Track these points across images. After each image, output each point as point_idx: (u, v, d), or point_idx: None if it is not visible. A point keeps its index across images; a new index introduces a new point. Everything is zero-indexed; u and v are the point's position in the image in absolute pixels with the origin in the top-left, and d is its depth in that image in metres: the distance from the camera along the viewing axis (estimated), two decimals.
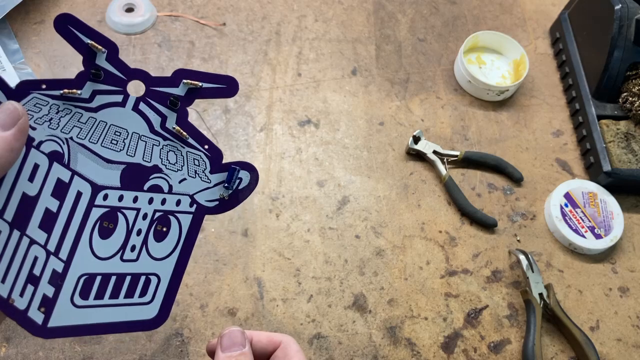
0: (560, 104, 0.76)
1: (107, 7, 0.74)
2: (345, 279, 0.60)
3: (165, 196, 0.27)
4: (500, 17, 0.84)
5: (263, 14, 0.79)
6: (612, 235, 0.64)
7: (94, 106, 0.26)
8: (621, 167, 0.66)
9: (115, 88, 0.26)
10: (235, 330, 0.33)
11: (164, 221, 0.27)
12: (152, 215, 0.27)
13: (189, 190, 0.28)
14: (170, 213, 0.27)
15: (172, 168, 0.27)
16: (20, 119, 0.24)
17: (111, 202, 0.26)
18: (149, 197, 0.27)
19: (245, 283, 0.58)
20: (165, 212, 0.27)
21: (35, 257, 0.25)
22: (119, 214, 0.26)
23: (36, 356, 0.52)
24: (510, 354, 0.57)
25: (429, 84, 0.75)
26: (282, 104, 0.71)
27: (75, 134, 0.25)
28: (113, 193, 0.26)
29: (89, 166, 0.26)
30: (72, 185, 0.26)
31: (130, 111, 0.26)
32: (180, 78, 0.27)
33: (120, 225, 0.26)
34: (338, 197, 0.65)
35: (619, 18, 0.68)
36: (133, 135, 0.26)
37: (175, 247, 0.27)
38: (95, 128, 0.26)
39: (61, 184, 0.25)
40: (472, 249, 0.63)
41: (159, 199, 0.27)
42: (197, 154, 0.28)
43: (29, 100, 0.25)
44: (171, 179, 0.27)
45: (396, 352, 0.56)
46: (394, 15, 0.82)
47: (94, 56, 0.26)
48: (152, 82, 0.26)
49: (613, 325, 0.60)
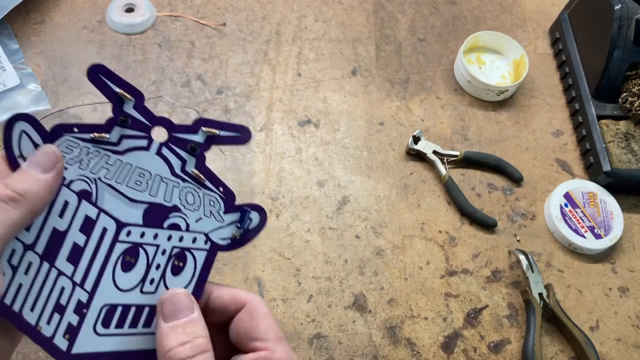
0: (560, 104, 0.76)
1: (107, 7, 0.74)
2: (345, 279, 0.60)
3: (182, 234, 0.29)
4: (500, 17, 0.84)
5: (263, 14, 0.79)
6: (612, 235, 0.64)
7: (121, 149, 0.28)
8: (621, 167, 0.66)
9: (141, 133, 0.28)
10: (179, 293, 0.28)
11: (181, 257, 0.29)
12: (170, 251, 0.29)
13: (205, 228, 0.30)
14: (186, 249, 0.29)
15: (190, 208, 0.29)
16: (58, 162, 0.27)
17: (133, 238, 0.28)
18: (168, 235, 0.29)
19: (245, 283, 0.58)
20: (182, 248, 0.29)
21: (62, 287, 0.27)
22: (140, 249, 0.29)
23: (37, 356, 0.52)
24: (510, 354, 0.57)
25: (429, 84, 0.75)
26: (282, 104, 0.71)
27: (103, 175, 0.28)
28: (135, 230, 0.28)
29: (115, 204, 0.28)
30: (99, 221, 0.28)
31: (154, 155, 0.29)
32: (200, 126, 0.29)
33: (141, 259, 0.28)
34: (338, 197, 0.65)
35: (619, 18, 0.68)
36: (155, 177, 0.29)
37: (191, 281, 0.29)
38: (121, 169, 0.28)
39: (88, 221, 0.28)
40: (472, 249, 0.63)
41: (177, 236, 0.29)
42: (212, 195, 0.30)
43: (62, 142, 0.27)
44: (189, 218, 0.29)
45: (396, 352, 0.56)
46: (394, 15, 0.82)
47: (122, 103, 0.28)
48: (175, 129, 0.29)
49: (613, 325, 0.60)
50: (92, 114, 0.66)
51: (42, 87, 0.67)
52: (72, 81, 0.68)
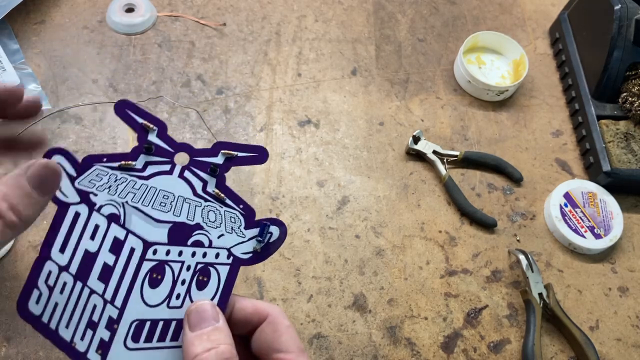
0: (560, 104, 0.76)
1: (108, 7, 0.74)
2: (345, 279, 0.60)
3: (206, 250, 0.31)
4: (500, 17, 0.84)
5: (263, 14, 0.79)
6: (612, 235, 0.64)
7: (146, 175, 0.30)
8: (621, 167, 0.66)
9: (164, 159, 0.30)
10: (205, 303, 0.29)
11: (205, 272, 0.31)
12: (194, 267, 0.31)
13: (227, 244, 0.31)
14: (210, 265, 0.31)
15: (212, 225, 0.31)
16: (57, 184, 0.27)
17: (160, 256, 0.30)
18: (192, 251, 0.31)
19: (245, 283, 0.58)
20: (206, 264, 0.31)
21: (95, 305, 0.29)
22: (166, 266, 0.30)
23: (36, 356, 0.52)
24: (510, 354, 0.57)
25: (429, 84, 0.76)
26: (282, 104, 0.71)
27: (130, 199, 0.30)
28: (161, 248, 0.30)
29: (141, 225, 0.30)
30: (127, 242, 0.30)
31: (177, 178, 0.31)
32: (219, 149, 0.32)
33: (167, 276, 0.30)
34: (338, 197, 0.65)
35: (619, 18, 0.68)
36: (179, 199, 0.30)
37: (215, 294, 0.31)
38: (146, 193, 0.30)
39: (117, 241, 0.30)
40: (472, 248, 0.63)
41: (201, 253, 0.31)
42: (233, 212, 0.32)
43: (92, 171, 0.29)
44: (211, 235, 0.31)
45: (396, 352, 0.56)
46: (393, 15, 0.82)
47: (147, 133, 0.30)
48: (195, 153, 0.31)
49: (612, 325, 0.60)
50: (92, 113, 0.66)
51: (42, 87, 0.67)
52: (72, 81, 0.68)
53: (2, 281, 0.55)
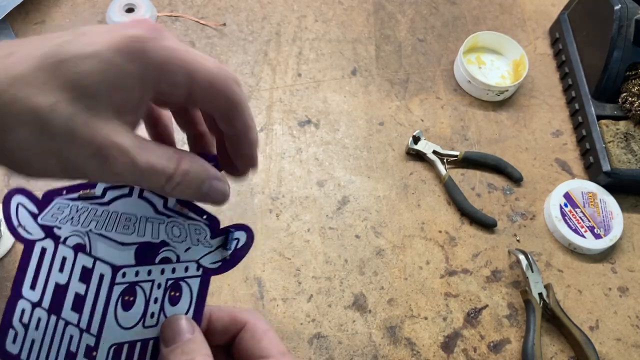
0: (560, 104, 0.76)
1: (108, 7, 0.74)
2: (345, 279, 0.60)
3: (174, 265, 0.31)
4: (500, 17, 0.84)
5: (263, 15, 0.79)
6: (612, 235, 0.64)
7: (107, 200, 0.30)
8: (621, 167, 0.66)
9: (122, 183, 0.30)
10: (177, 317, 0.29)
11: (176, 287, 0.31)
12: (165, 283, 0.31)
13: (195, 256, 0.31)
14: (180, 279, 0.31)
15: (177, 240, 0.31)
16: None
17: (129, 279, 0.30)
18: (160, 269, 0.31)
19: (245, 283, 0.58)
20: (176, 279, 0.31)
21: (71, 335, 0.29)
22: (137, 287, 0.30)
23: None
24: (510, 354, 0.57)
25: (429, 84, 0.76)
26: (282, 104, 0.71)
27: (93, 227, 0.30)
28: (130, 270, 0.30)
29: (107, 251, 0.30)
30: (95, 269, 0.30)
31: (137, 199, 0.30)
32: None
33: (139, 297, 0.30)
34: (338, 197, 0.65)
35: (619, 18, 0.68)
36: (141, 219, 0.30)
37: (189, 308, 0.31)
38: (109, 218, 0.30)
39: (86, 270, 0.30)
40: (472, 248, 0.63)
41: (170, 269, 0.31)
42: (197, 224, 0.31)
43: (53, 205, 0.29)
44: (177, 250, 0.31)
45: (396, 352, 0.56)
46: (393, 15, 0.82)
47: None
48: None
49: (612, 325, 0.60)
50: None
51: None
52: None
53: (2, 281, 0.55)
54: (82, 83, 0.22)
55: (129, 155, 0.24)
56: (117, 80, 0.23)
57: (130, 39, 0.23)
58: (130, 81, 0.24)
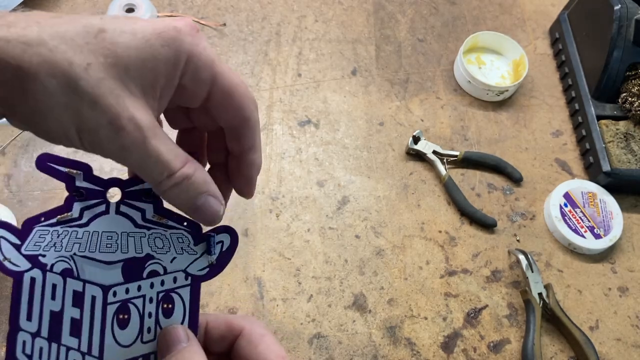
0: (560, 104, 0.76)
1: (108, 7, 0.74)
2: (345, 279, 0.60)
3: (162, 277, 0.31)
4: (500, 17, 0.84)
5: (263, 15, 0.79)
6: (612, 235, 0.64)
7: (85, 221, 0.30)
8: (620, 167, 0.66)
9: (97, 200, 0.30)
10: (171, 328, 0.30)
11: (167, 299, 0.31)
12: (156, 297, 0.31)
13: (181, 266, 0.31)
14: (170, 291, 0.31)
15: (161, 252, 0.31)
16: None
17: (120, 297, 0.30)
18: (149, 283, 0.31)
19: (245, 283, 0.58)
20: (167, 291, 0.31)
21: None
22: (129, 304, 0.30)
23: None
24: (509, 354, 0.57)
25: (429, 84, 0.76)
26: (282, 104, 0.71)
27: (76, 250, 0.30)
28: (120, 289, 0.30)
29: (95, 272, 0.30)
30: (86, 292, 0.30)
31: (115, 215, 0.31)
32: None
33: (133, 314, 0.30)
34: (338, 197, 0.65)
35: (619, 18, 0.68)
36: (122, 235, 0.30)
37: (184, 318, 0.31)
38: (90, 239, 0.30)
39: (77, 294, 0.30)
40: (472, 248, 0.63)
41: (158, 281, 0.31)
42: (179, 232, 0.31)
43: (34, 234, 0.30)
44: (163, 261, 0.31)
45: (396, 352, 0.56)
46: (393, 15, 0.82)
47: (74, 180, 0.30)
48: (126, 184, 0.31)
49: (612, 325, 0.60)
50: None
51: None
52: None
53: (2, 281, 0.55)
54: (119, 53, 0.24)
55: (142, 133, 0.24)
56: (150, 61, 0.24)
57: (173, 28, 0.25)
58: (161, 65, 0.25)
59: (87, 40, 0.23)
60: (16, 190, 0.61)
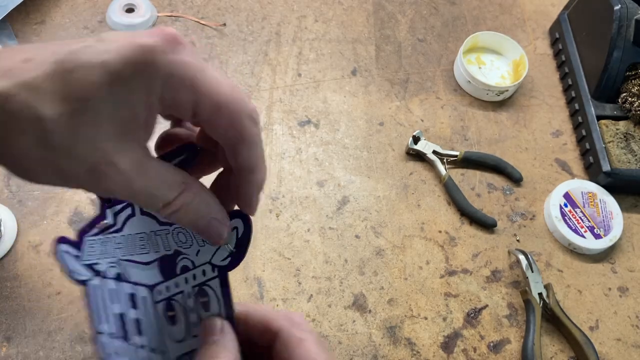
0: (560, 104, 0.76)
1: (108, 7, 0.74)
2: (345, 279, 0.60)
3: (193, 272, 0.32)
4: (500, 17, 0.84)
5: (263, 15, 0.79)
6: (612, 235, 0.64)
7: (120, 226, 0.31)
8: (620, 167, 0.66)
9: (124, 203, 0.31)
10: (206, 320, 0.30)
11: (202, 293, 0.32)
12: (192, 292, 0.32)
13: (206, 258, 0.32)
14: (202, 284, 0.32)
15: (186, 246, 0.32)
16: None
17: (164, 295, 0.32)
18: (184, 278, 0.32)
19: (245, 283, 0.58)
20: (199, 284, 0.32)
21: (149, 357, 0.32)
22: (172, 301, 0.32)
23: (37, 356, 0.52)
24: (509, 354, 0.57)
25: (429, 84, 0.76)
26: (282, 104, 0.71)
27: (120, 254, 0.31)
28: (161, 287, 0.32)
29: (138, 274, 0.31)
30: (137, 293, 0.32)
31: (140, 216, 0.31)
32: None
33: (177, 310, 0.32)
34: (338, 197, 0.65)
35: (619, 18, 0.68)
36: (150, 234, 0.31)
37: (220, 309, 0.32)
38: (127, 243, 0.31)
39: (132, 296, 0.31)
40: (472, 248, 0.63)
41: (191, 276, 0.32)
42: None
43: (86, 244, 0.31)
44: (190, 255, 0.32)
45: (396, 352, 0.56)
46: (393, 15, 0.82)
47: None
48: None
49: (612, 325, 0.60)
50: None
51: None
52: None
53: (2, 281, 0.55)
54: (87, 96, 0.22)
55: (125, 176, 0.24)
56: (123, 95, 0.23)
57: (142, 48, 0.23)
58: (135, 96, 0.23)
59: (55, 86, 0.22)
60: (16, 190, 0.61)
